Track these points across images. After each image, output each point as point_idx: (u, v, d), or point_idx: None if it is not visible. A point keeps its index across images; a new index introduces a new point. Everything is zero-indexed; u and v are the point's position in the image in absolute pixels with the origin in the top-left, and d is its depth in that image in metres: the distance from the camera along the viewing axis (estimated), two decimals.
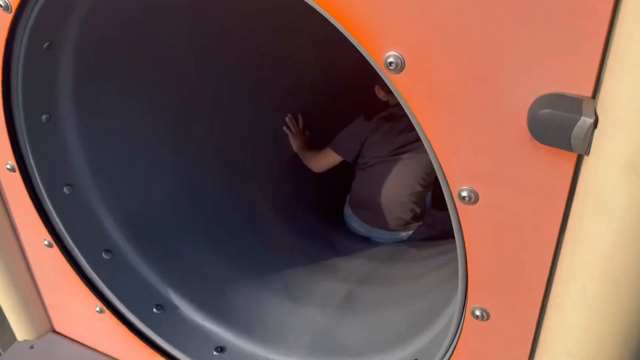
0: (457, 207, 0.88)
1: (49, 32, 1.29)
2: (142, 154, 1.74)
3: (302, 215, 2.27)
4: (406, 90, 0.82)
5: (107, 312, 1.59)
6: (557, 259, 0.85)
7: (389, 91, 2.25)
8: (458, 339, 1.03)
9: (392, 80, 0.83)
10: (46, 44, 1.30)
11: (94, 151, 1.56)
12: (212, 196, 1.99)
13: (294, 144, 2.49)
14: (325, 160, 2.37)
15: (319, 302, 1.74)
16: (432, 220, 2.33)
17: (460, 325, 1.02)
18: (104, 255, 1.60)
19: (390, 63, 0.80)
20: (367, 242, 2.29)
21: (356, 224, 2.37)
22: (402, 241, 2.30)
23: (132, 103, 1.66)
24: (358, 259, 2.02)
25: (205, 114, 1.98)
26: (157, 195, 1.79)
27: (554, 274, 0.87)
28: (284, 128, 2.49)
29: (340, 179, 2.43)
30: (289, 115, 2.49)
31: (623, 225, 0.70)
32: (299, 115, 2.54)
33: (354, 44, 0.83)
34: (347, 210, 2.41)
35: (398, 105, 0.90)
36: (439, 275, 1.62)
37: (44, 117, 1.42)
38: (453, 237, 0.94)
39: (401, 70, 0.81)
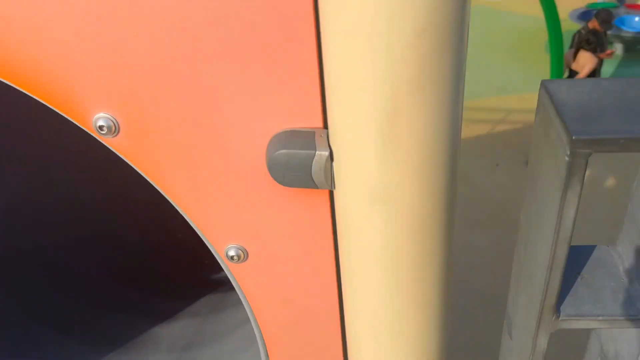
0: (230, 268, 0.78)
1: None
2: None
3: (110, 290, 2.00)
4: (131, 155, 0.70)
5: None
6: (343, 295, 0.79)
7: None
8: None
9: (108, 144, 0.69)
10: None
11: None
12: None
13: None
14: None
15: None
16: None
17: None
18: None
19: (101, 127, 0.67)
20: (179, 299, 2.09)
21: None
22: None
23: None
24: (178, 320, 1.83)
25: None
26: None
27: (343, 311, 0.81)
28: None
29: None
30: None
31: (382, 253, 0.66)
32: None
33: (56, 110, 0.68)
34: None
35: None
36: None
37: None
38: None
39: (116, 134, 0.68)
